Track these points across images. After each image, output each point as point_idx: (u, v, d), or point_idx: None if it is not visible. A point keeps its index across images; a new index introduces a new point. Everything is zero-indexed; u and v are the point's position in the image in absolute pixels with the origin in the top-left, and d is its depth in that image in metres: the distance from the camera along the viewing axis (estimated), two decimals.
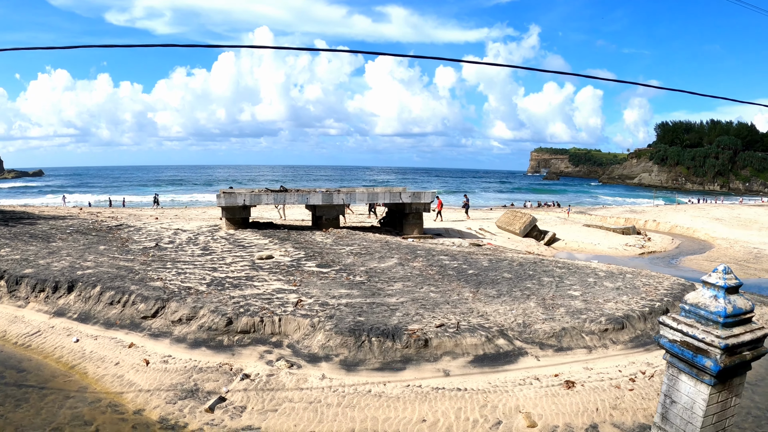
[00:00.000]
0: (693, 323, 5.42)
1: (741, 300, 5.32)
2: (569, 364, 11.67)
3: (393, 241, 24.78)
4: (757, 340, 5.23)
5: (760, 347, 5.32)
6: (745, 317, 5.27)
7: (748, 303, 5.32)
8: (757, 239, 36.25)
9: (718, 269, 5.37)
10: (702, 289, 5.55)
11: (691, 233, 41.51)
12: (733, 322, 5.19)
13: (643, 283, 17.73)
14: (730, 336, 5.07)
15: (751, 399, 10.95)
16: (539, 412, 9.76)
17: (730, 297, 5.28)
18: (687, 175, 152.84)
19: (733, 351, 5.10)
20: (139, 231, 25.38)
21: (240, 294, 14.74)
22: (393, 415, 9.59)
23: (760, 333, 5.25)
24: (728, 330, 5.12)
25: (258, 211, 39.85)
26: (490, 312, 13.71)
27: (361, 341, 11.67)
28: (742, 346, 5.15)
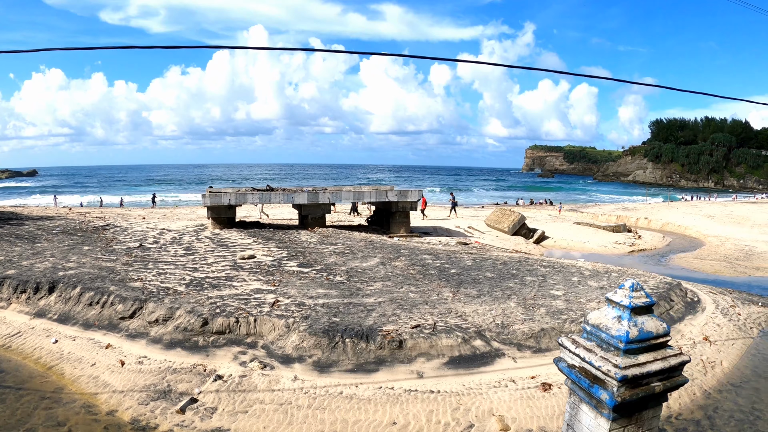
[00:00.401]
0: (593, 347, 4.62)
1: (652, 322, 4.54)
2: (547, 365, 11.46)
3: (378, 240, 24.63)
4: (671, 369, 4.46)
5: (676, 377, 4.54)
6: (655, 342, 4.47)
7: (661, 326, 4.57)
8: (749, 236, 36.18)
9: (625, 285, 4.61)
10: (606, 308, 4.80)
11: (682, 230, 41.47)
12: (639, 349, 4.41)
13: None
14: (633, 365, 4.32)
15: (734, 402, 10.86)
16: (513, 416, 9.61)
17: (637, 318, 4.50)
18: (681, 173, 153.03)
19: (635, 382, 4.33)
20: (124, 231, 25.20)
21: (218, 294, 14.60)
22: (363, 418, 9.46)
23: (675, 361, 4.48)
24: (631, 357, 4.37)
25: (247, 210, 39.68)
26: (469, 312, 13.56)
27: (334, 342, 11.53)
28: (649, 377, 4.36)
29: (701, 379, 11.78)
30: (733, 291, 20.08)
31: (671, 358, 4.49)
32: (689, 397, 10.94)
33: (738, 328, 15.17)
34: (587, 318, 4.89)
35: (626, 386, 4.28)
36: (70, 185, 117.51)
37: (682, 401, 10.74)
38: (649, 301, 4.52)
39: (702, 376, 11.91)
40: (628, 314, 4.48)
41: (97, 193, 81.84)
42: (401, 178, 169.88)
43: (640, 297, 4.51)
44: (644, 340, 4.42)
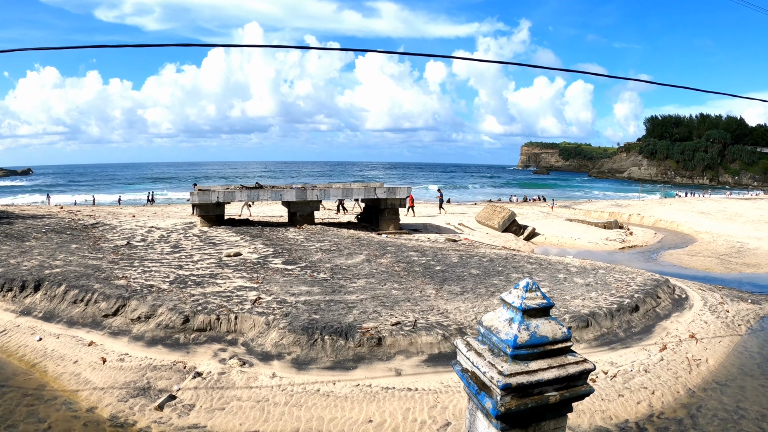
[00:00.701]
0: (484, 351, 4.09)
1: (548, 326, 3.99)
2: None
3: (365, 237, 24.60)
4: (569, 378, 3.94)
5: (578, 386, 4.02)
6: (551, 348, 3.97)
7: (559, 330, 4.04)
8: (742, 233, 35.94)
9: (519, 284, 4.05)
10: (501, 309, 4.29)
11: (675, 227, 41.33)
12: (530, 355, 3.90)
13: (615, 279, 17.55)
14: (520, 372, 3.82)
15: (719, 400, 10.79)
16: None
17: (530, 322, 3.97)
18: (676, 169, 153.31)
19: (523, 391, 3.83)
20: (113, 229, 25.11)
21: (201, 292, 14.57)
22: (339, 415, 9.43)
23: (575, 369, 3.95)
24: (520, 364, 3.87)
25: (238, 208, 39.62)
26: (451, 309, 13.52)
27: (313, 339, 11.51)
28: (541, 386, 3.86)
29: (686, 377, 11.70)
30: (722, 288, 20.01)
31: (570, 365, 3.95)
32: (672, 396, 10.86)
33: (726, 326, 15.10)
34: (482, 319, 4.40)
35: (512, 395, 3.81)
36: (65, 184, 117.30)
37: (665, 400, 10.66)
38: (546, 303, 3.97)
39: (687, 374, 11.84)
40: (520, 317, 3.98)
41: (91, 192, 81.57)
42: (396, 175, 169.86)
43: (535, 298, 3.98)
44: (536, 346, 3.92)
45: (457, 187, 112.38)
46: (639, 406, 10.34)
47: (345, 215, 37.50)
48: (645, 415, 10.13)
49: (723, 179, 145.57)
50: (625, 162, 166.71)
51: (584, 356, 3.95)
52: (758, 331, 15.47)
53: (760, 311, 17.03)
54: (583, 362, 4.01)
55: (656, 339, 13.47)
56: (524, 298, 3.99)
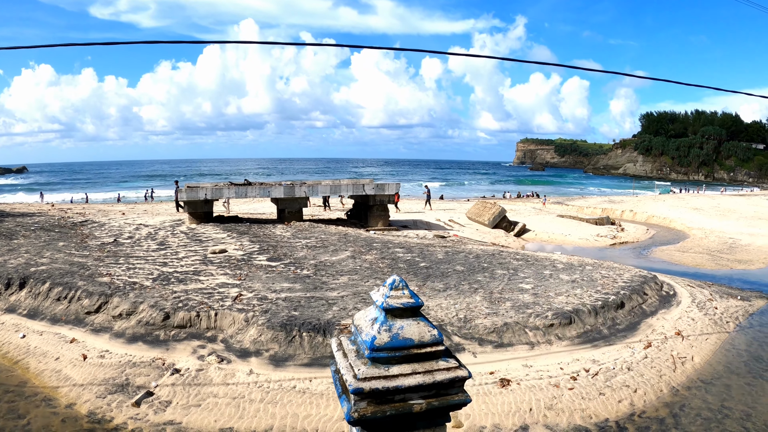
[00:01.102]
0: (350, 352, 3.78)
1: (415, 327, 3.55)
2: (508, 361, 11.43)
3: (353, 233, 24.55)
4: (437, 386, 3.52)
5: (449, 395, 3.58)
6: (418, 352, 3.54)
7: (428, 332, 3.56)
8: (734, 229, 35.83)
9: (387, 281, 3.65)
10: (371, 307, 3.88)
11: (667, 223, 41.25)
12: (391, 358, 3.50)
13: (602, 276, 17.49)
14: (377, 377, 3.44)
15: (703, 399, 10.70)
16: (468, 412, 9.52)
17: (394, 322, 3.54)
18: (671, 165, 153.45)
19: (381, 397, 3.45)
20: (102, 227, 25.01)
21: (183, 289, 14.53)
22: (314, 412, 9.43)
23: (444, 376, 3.50)
24: (379, 368, 3.49)
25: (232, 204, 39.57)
26: (432, 306, 13.51)
27: (291, 336, 11.48)
28: (403, 392, 3.46)
29: (670, 375, 11.61)
30: (712, 284, 19.93)
31: (439, 372, 3.52)
32: (655, 394, 10.77)
33: (713, 323, 15.00)
34: (354, 317, 4.04)
35: (368, 401, 3.45)
36: (60, 182, 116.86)
37: (647, 398, 10.57)
38: (413, 302, 3.57)
39: (671, 372, 11.75)
40: (383, 316, 3.57)
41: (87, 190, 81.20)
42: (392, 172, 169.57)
43: (401, 297, 3.58)
44: (399, 348, 3.49)
45: (452, 184, 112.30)
46: (620, 405, 10.24)
47: (328, 211, 37.44)
48: (626, 414, 10.03)
49: (718, 175, 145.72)
50: (621, 158, 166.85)
51: (459, 362, 3.54)
52: (747, 328, 15.36)
53: (749, 308, 16.92)
54: (455, 369, 3.58)
55: (641, 336, 13.37)
56: (388, 296, 3.58)
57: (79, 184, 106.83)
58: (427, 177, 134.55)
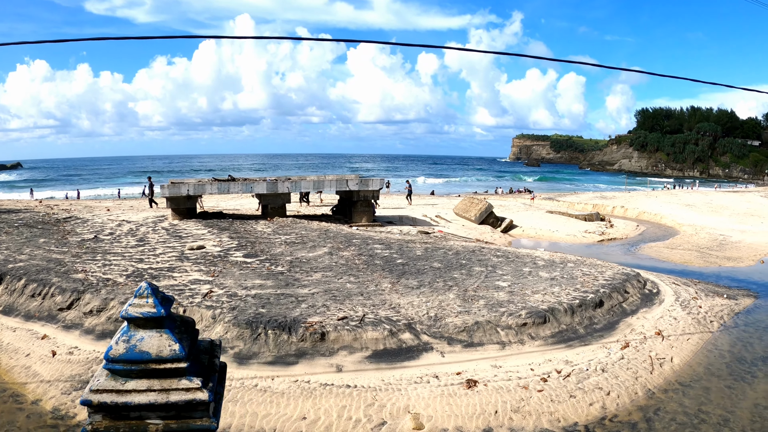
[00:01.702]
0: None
1: (156, 340, 3.22)
2: (477, 361, 11.18)
3: (334, 229, 24.42)
4: (175, 407, 3.18)
5: (191, 419, 3.23)
6: (155, 368, 3.20)
7: (169, 347, 3.22)
8: (725, 226, 35.31)
9: (141, 286, 3.32)
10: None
11: (658, 219, 40.88)
12: (129, 371, 3.19)
13: (583, 273, 17.26)
14: (110, 390, 3.13)
15: (679, 403, 10.42)
16: (430, 413, 9.35)
17: (136, 333, 3.23)
18: (667, 162, 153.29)
19: (115, 412, 3.16)
20: (85, 223, 24.85)
21: (158, 286, 14.34)
22: (274, 411, 9.30)
23: (179, 397, 3.17)
24: (118, 380, 3.17)
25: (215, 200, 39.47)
26: (404, 304, 13.34)
27: (257, 334, 11.35)
28: (139, 410, 3.17)
29: (646, 377, 11.32)
30: (699, 282, 19.52)
31: (176, 392, 3.18)
32: (629, 397, 10.47)
33: (697, 322, 14.70)
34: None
35: (103, 414, 3.16)
36: (54, 178, 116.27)
37: (620, 401, 10.28)
38: (155, 312, 3.21)
39: (647, 374, 11.46)
40: (126, 326, 3.27)
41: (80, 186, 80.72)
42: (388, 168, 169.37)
43: (143, 305, 3.25)
44: (135, 362, 3.18)
45: (446, 179, 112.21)
46: (591, 408, 9.96)
47: (306, 207, 37.29)
48: (597, 418, 9.76)
49: (713, 172, 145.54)
50: (616, 154, 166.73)
51: (199, 385, 3.16)
52: (731, 328, 15.01)
53: (735, 307, 16.62)
54: (195, 390, 3.22)
55: (619, 336, 13.08)
56: (131, 304, 3.27)
57: (73, 180, 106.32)
58: (421, 173, 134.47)
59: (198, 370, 3.32)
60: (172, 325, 3.29)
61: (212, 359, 3.59)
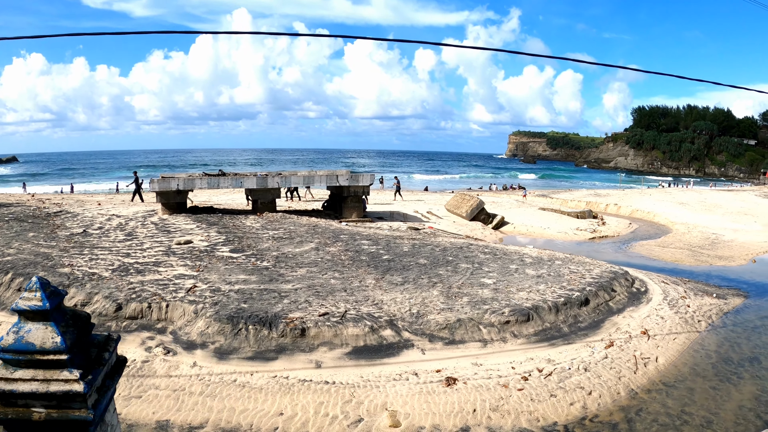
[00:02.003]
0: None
1: (41, 332, 3.41)
2: (457, 358, 11.14)
3: (323, 225, 24.40)
4: (56, 396, 3.37)
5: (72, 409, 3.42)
6: (40, 358, 3.40)
7: (52, 340, 3.40)
8: (718, 224, 35.22)
9: (32, 281, 3.48)
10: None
11: (651, 217, 40.79)
12: (18, 361, 3.43)
13: (571, 271, 17.21)
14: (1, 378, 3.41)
15: (662, 403, 10.37)
16: (407, 411, 9.32)
17: (25, 325, 3.43)
18: (663, 160, 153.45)
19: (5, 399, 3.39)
20: (75, 217, 24.77)
21: (140, 280, 14.39)
22: (251, 407, 9.31)
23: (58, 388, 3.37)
24: (8, 369, 3.42)
25: (207, 195, 39.45)
26: (387, 300, 13.34)
27: (238, 329, 11.38)
28: (25, 398, 3.39)
29: (630, 377, 11.23)
30: (689, 281, 19.44)
31: (56, 383, 3.40)
32: (611, 397, 10.39)
33: (684, 321, 14.58)
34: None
35: None
36: (50, 172, 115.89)
37: (602, 401, 10.18)
38: (41, 306, 3.40)
39: (631, 373, 11.39)
40: (17, 318, 3.48)
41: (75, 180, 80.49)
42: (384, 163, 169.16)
43: (32, 299, 3.46)
44: (22, 352, 3.40)
45: (441, 175, 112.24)
46: (572, 408, 9.88)
47: (297, 202, 37.26)
48: (577, 418, 9.67)
49: (709, 170, 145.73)
50: (612, 152, 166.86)
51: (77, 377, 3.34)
52: (719, 327, 14.93)
53: (724, 306, 16.55)
54: (72, 382, 3.39)
55: (604, 335, 13.01)
56: (21, 297, 3.48)
57: (69, 174, 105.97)
58: (417, 168, 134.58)
59: (81, 363, 3.46)
60: (59, 319, 3.44)
61: (102, 353, 3.70)
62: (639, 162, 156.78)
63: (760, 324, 15.46)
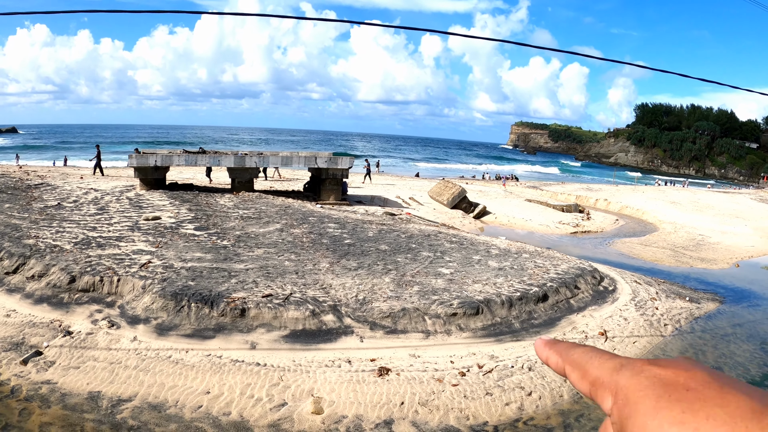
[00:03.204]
0: None
1: None
2: (396, 348, 10.98)
3: (296, 206, 24.49)
4: None
5: None
6: None
7: None
8: (707, 225, 34.76)
9: None
10: None
11: (640, 215, 40.41)
12: None
13: (536, 265, 16.79)
14: None
15: None
16: (333, 399, 9.25)
17: None
18: (663, 158, 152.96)
19: None
20: (54, 190, 24.85)
21: (99, 253, 14.54)
22: (181, 384, 9.46)
23: None
24: None
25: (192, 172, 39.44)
26: (336, 285, 13.36)
27: (180, 306, 11.53)
28: None
29: None
30: (664, 282, 19.02)
31: None
32: (552, 400, 9.99)
33: (649, 324, 14.16)
34: None
35: None
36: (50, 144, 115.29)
37: (542, 403, 9.83)
38: None
39: None
40: None
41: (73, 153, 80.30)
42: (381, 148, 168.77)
43: None
44: None
45: (441, 163, 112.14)
46: (507, 408, 9.53)
47: (281, 183, 37.39)
48: (510, 419, 9.31)
49: (709, 171, 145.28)
50: (613, 147, 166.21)
51: None
52: (686, 333, 14.46)
53: (696, 311, 16.07)
54: None
55: (557, 333, 12.64)
56: None
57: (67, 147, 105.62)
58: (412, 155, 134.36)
59: None
60: None
61: None
62: (639, 159, 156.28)
63: (731, 332, 14.99)
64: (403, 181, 46.68)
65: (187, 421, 8.55)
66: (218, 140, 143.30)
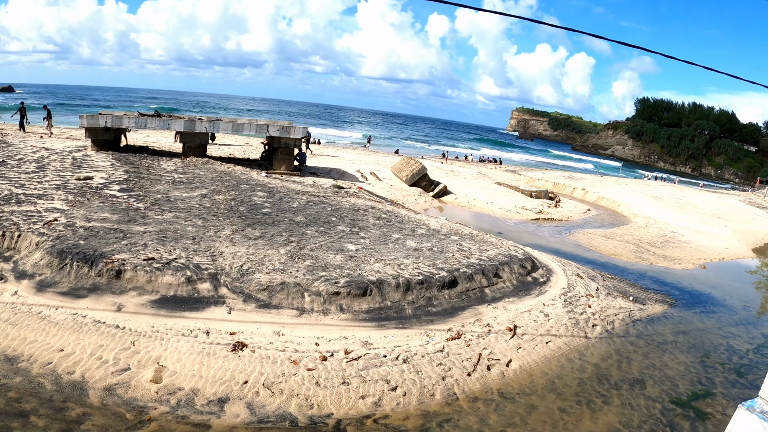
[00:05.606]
0: None
1: None
2: (262, 324, 10.68)
3: (237, 173, 24.69)
4: None
5: None
6: None
7: None
8: (683, 224, 33.85)
9: None
10: None
11: (615, 207, 40.01)
12: None
13: (459, 248, 16.03)
14: None
15: (482, 418, 9.04)
16: (176, 369, 9.06)
17: None
18: (660, 154, 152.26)
19: None
20: (7, 147, 24.91)
21: (13, 210, 14.66)
22: (40, 339, 9.57)
23: None
24: None
25: (159, 135, 39.67)
26: (227, 254, 13.27)
27: (64, 263, 11.73)
28: None
29: (459, 378, 9.96)
30: (612, 277, 18.11)
31: None
32: (419, 399, 9.28)
33: (574, 323, 13.21)
34: None
35: None
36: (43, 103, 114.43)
37: (405, 402, 9.15)
38: None
39: (463, 375, 10.08)
40: None
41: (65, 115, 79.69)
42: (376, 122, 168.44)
43: None
44: None
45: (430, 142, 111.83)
46: (360, 402, 8.92)
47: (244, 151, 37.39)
48: (360, 414, 8.68)
49: (706, 171, 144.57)
50: (611, 140, 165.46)
51: None
52: (617, 336, 13.22)
53: (637, 313, 15.02)
54: None
55: (456, 324, 11.90)
56: None
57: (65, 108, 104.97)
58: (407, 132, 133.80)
59: None
60: None
61: None
62: (636, 153, 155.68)
63: (671, 339, 13.69)
64: (377, 157, 46.39)
65: (33, 376, 8.65)
66: (222, 108, 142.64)
